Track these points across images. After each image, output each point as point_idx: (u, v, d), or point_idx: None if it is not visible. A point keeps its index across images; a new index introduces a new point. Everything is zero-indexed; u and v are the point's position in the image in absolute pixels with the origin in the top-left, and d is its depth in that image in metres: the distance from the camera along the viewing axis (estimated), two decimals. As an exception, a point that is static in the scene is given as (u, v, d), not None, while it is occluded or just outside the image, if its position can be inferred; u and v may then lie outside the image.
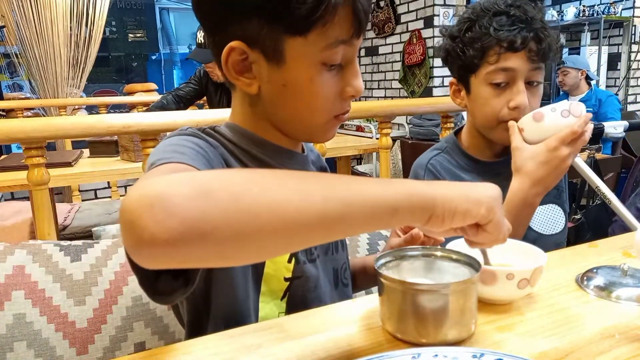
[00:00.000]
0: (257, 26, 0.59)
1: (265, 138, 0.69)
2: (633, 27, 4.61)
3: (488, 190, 0.50)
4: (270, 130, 0.68)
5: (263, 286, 0.68)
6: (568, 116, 0.82)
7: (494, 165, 1.03)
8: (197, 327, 0.67)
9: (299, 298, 0.70)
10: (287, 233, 0.39)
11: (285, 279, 0.69)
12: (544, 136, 0.83)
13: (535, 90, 0.96)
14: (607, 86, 4.71)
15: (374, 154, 4.26)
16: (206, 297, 0.65)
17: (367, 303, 0.62)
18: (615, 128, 1.71)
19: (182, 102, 2.80)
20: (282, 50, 0.60)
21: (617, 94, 4.69)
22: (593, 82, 3.75)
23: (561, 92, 3.87)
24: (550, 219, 1.05)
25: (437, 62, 4.36)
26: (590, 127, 0.84)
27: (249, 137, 0.68)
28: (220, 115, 1.43)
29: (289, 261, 0.69)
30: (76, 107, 4.09)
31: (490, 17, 0.93)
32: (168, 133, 0.66)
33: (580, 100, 3.63)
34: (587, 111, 0.85)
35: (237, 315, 0.65)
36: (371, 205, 0.43)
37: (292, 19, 0.57)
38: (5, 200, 3.46)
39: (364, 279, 0.90)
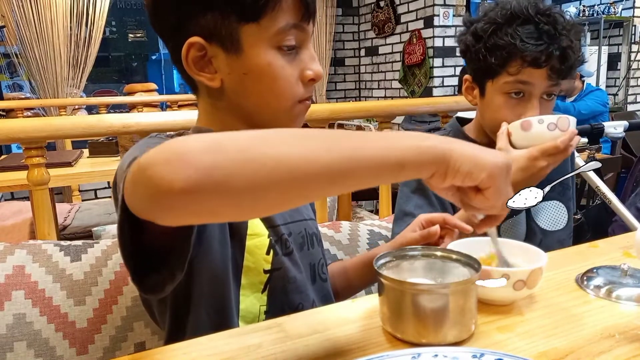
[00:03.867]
0: (212, 19, 0.62)
1: None
2: (633, 27, 4.62)
3: (496, 157, 0.50)
4: (239, 129, 0.69)
5: (243, 279, 0.69)
6: (554, 129, 0.85)
7: None
8: (178, 322, 0.66)
9: (279, 290, 0.71)
10: (294, 183, 0.41)
11: (265, 271, 0.70)
12: (529, 144, 0.86)
13: (550, 102, 0.96)
14: (607, 86, 4.71)
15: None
16: (187, 289, 0.64)
17: (367, 303, 0.62)
18: (615, 128, 1.71)
19: None
20: (238, 38, 0.63)
21: (617, 94, 4.70)
22: (586, 80, 3.75)
23: None
24: (553, 215, 1.06)
25: (437, 62, 4.37)
26: (577, 140, 0.86)
27: None
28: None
29: (267, 253, 0.70)
30: (76, 107, 4.08)
31: (518, 24, 0.91)
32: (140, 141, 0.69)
33: (574, 99, 3.64)
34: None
35: (219, 306, 0.65)
36: (378, 161, 0.44)
37: (243, 6, 0.61)
38: (5, 200, 3.46)
39: (367, 273, 0.89)
